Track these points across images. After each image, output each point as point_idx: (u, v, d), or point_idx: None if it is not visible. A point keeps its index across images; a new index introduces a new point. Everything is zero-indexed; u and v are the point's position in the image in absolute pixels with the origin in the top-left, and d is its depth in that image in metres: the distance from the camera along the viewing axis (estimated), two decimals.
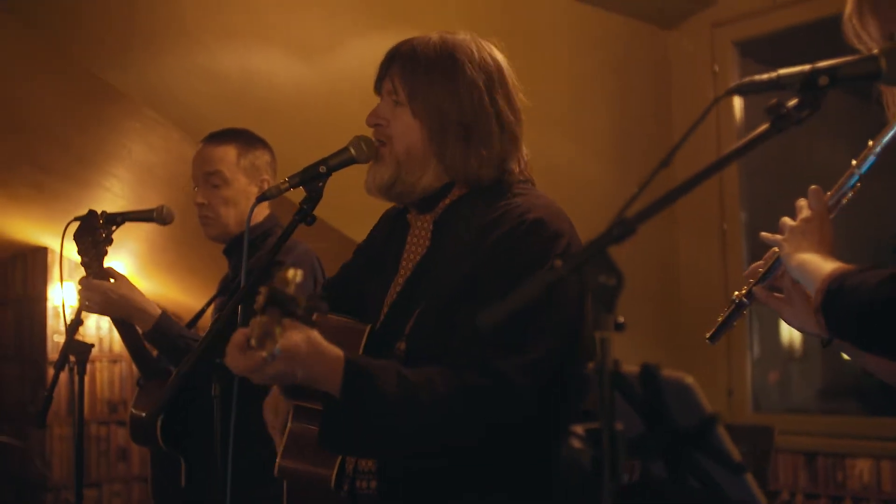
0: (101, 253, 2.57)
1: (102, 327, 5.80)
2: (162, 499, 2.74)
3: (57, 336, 5.63)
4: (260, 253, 2.63)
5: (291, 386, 1.75)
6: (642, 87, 4.85)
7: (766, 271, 1.74)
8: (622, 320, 1.07)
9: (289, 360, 1.48)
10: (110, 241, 2.59)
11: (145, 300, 2.56)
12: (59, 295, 4.05)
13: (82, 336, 2.64)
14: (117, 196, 4.51)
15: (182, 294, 5.59)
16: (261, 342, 1.37)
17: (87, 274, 2.54)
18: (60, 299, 4.70)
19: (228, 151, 2.72)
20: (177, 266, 5.24)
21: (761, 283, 1.75)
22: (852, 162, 1.62)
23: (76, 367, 2.50)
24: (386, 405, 1.57)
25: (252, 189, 2.72)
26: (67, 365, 2.50)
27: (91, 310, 2.56)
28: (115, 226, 2.61)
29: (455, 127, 1.75)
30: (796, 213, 1.66)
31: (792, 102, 1.21)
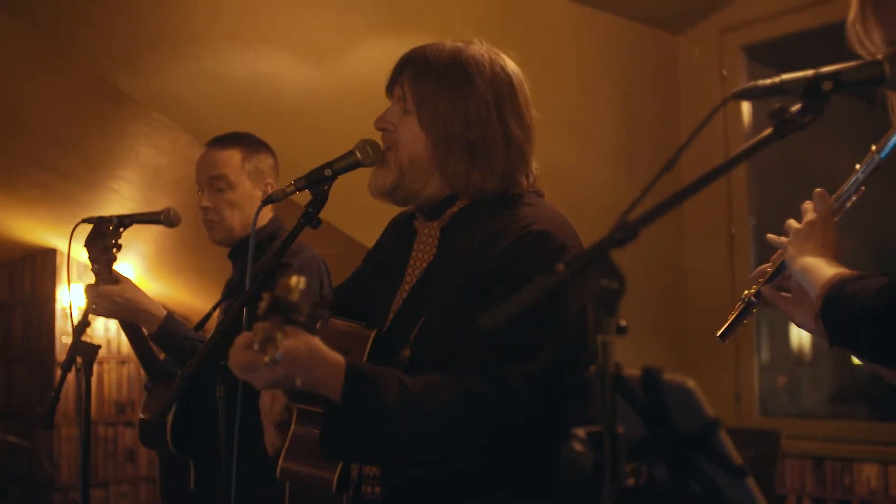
0: (112, 259, 2.58)
1: (110, 329, 5.82)
2: (170, 501, 2.75)
3: (65, 337, 5.66)
4: (266, 257, 2.64)
5: (294, 389, 1.76)
6: (650, 92, 4.85)
7: (774, 272, 1.75)
8: (624, 324, 1.07)
9: (290, 366, 1.48)
10: (120, 247, 2.61)
11: (151, 302, 2.57)
12: (67, 296, 4.05)
13: (90, 337, 2.65)
14: (125, 198, 4.52)
15: (190, 296, 5.61)
16: (263, 347, 1.38)
17: (98, 280, 2.55)
18: (68, 301, 4.72)
19: (233, 155, 2.73)
20: (185, 268, 5.26)
21: (769, 284, 1.76)
22: (856, 166, 1.62)
23: (83, 369, 2.51)
24: (386, 411, 1.57)
25: (256, 193, 2.73)
26: (74, 366, 2.52)
27: (98, 313, 2.57)
28: (123, 228, 2.62)
29: (460, 141, 1.74)
30: (801, 216, 1.67)
31: (795, 107, 1.21)
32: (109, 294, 2.51)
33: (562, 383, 1.66)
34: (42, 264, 5.86)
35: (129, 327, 2.64)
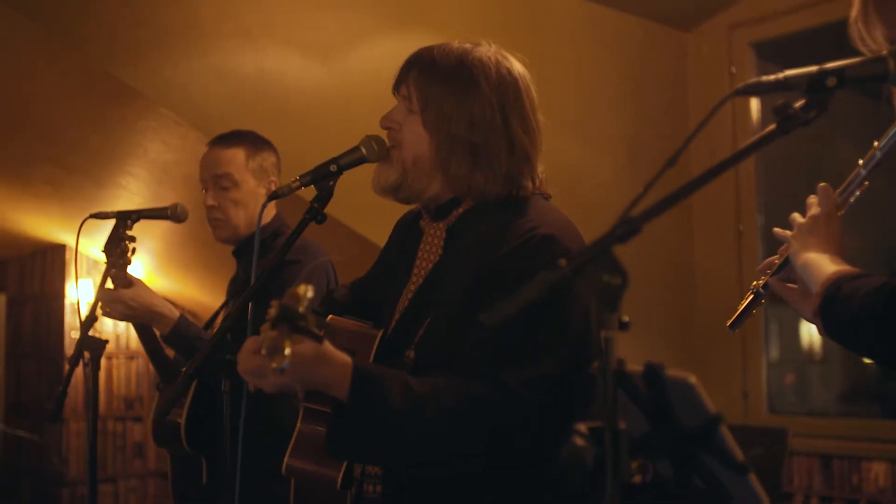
0: (127, 262, 2.60)
1: (119, 324, 5.83)
2: (182, 498, 2.76)
3: (74, 332, 5.68)
4: (271, 255, 2.64)
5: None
6: (659, 89, 4.83)
7: (781, 264, 1.77)
8: (627, 319, 1.07)
9: (297, 371, 1.50)
10: (134, 251, 2.63)
11: (164, 304, 2.57)
12: (76, 292, 4.06)
13: (98, 332, 2.66)
14: (133, 194, 4.54)
15: (198, 292, 5.62)
16: (270, 354, 1.40)
17: (115, 285, 2.56)
18: (77, 296, 4.74)
19: (237, 153, 2.74)
20: (193, 264, 5.27)
21: (777, 276, 1.77)
22: (859, 162, 1.62)
23: (91, 363, 2.52)
24: (392, 413, 1.58)
25: (260, 191, 2.74)
26: (82, 361, 2.53)
27: (113, 317, 2.58)
28: (131, 223, 2.63)
29: (463, 143, 1.74)
30: (806, 210, 1.68)
31: (799, 103, 1.21)
32: (123, 298, 2.52)
33: (566, 386, 1.66)
34: (52, 260, 5.89)
35: (141, 328, 2.66)
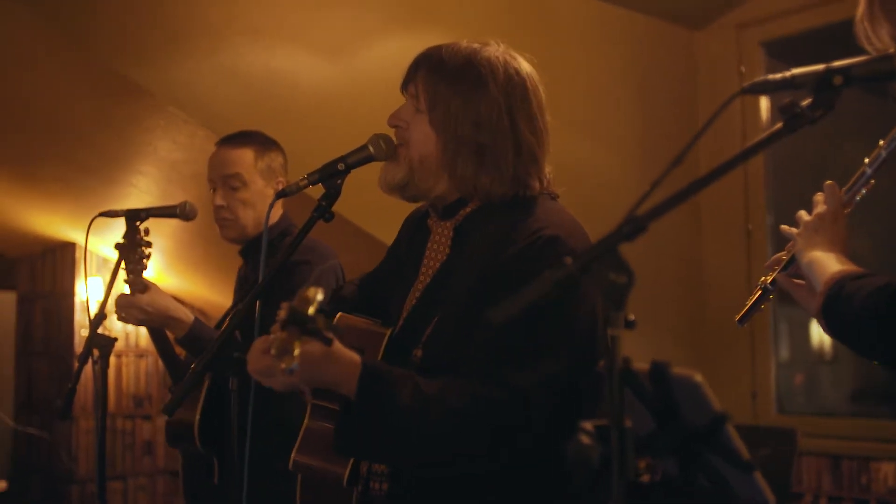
0: (143, 268, 2.61)
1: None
2: (194, 498, 2.77)
3: (84, 331, 5.69)
4: (280, 254, 2.65)
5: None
6: (668, 88, 4.82)
7: (789, 260, 1.78)
8: (633, 318, 1.07)
9: (306, 371, 1.54)
10: (149, 256, 2.65)
11: (178, 308, 2.59)
12: (86, 290, 4.07)
13: (108, 330, 2.67)
14: (143, 192, 4.55)
15: (208, 290, 5.64)
16: (280, 355, 1.42)
17: (132, 290, 2.57)
18: (86, 294, 4.76)
19: (246, 154, 2.75)
20: (202, 262, 5.28)
21: (785, 272, 1.77)
22: (865, 160, 1.62)
23: (100, 361, 2.53)
24: (400, 412, 1.59)
25: (268, 191, 2.75)
26: (91, 358, 2.54)
27: (129, 322, 2.60)
28: (140, 221, 2.64)
29: (469, 143, 1.74)
30: (812, 208, 1.68)
31: (806, 102, 1.21)
32: (139, 303, 2.54)
33: (572, 386, 1.66)
34: (61, 258, 5.90)
35: (154, 330, 2.68)
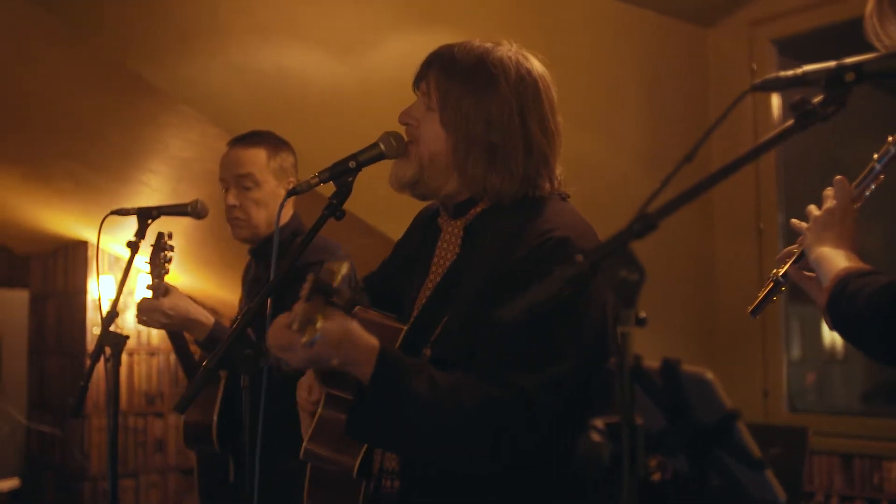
0: (166, 271, 2.64)
1: None
2: (210, 498, 2.78)
3: (96, 329, 5.71)
4: (291, 253, 2.65)
5: (326, 373, 1.79)
6: (679, 86, 4.81)
7: (801, 253, 1.78)
8: (644, 315, 1.07)
9: (325, 347, 1.53)
10: (171, 259, 2.67)
11: (199, 311, 2.61)
12: (98, 288, 4.09)
13: (120, 328, 2.68)
14: (154, 190, 4.56)
15: (219, 289, 5.65)
16: (302, 327, 1.42)
17: (154, 294, 2.59)
18: (98, 292, 4.77)
19: (259, 154, 2.76)
20: (213, 260, 5.29)
21: (796, 265, 1.78)
22: (874, 156, 1.62)
23: (112, 358, 2.54)
24: (413, 401, 1.59)
25: (280, 191, 2.76)
26: (103, 356, 2.55)
27: (151, 325, 2.62)
28: (151, 219, 2.66)
29: (480, 143, 1.74)
30: (822, 203, 1.68)
31: (817, 99, 1.21)
32: (162, 307, 2.56)
33: (582, 387, 1.66)
34: (73, 257, 5.93)
35: (174, 333, 2.70)
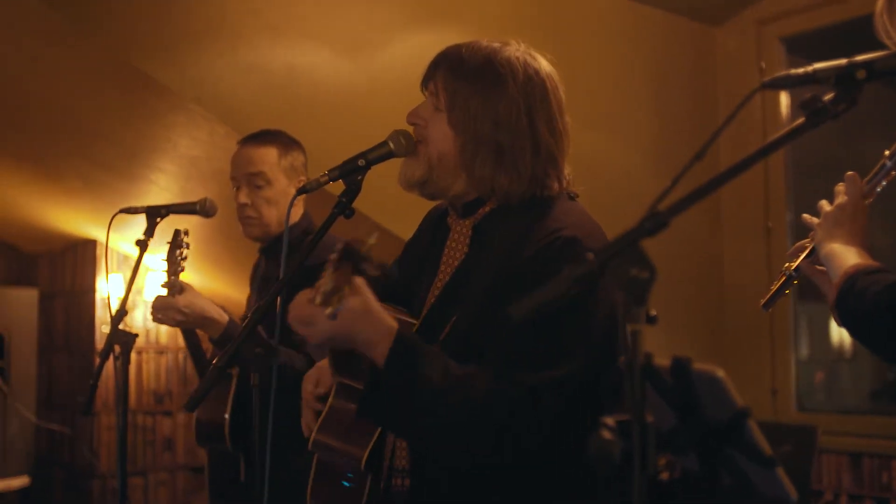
0: (181, 269, 2.64)
1: (149, 318, 5.86)
2: (220, 497, 2.78)
3: (105, 327, 5.72)
4: (302, 251, 2.66)
5: (340, 360, 1.79)
6: (687, 85, 4.80)
7: (812, 248, 1.78)
8: (654, 313, 1.07)
9: (346, 321, 1.53)
10: (186, 258, 2.68)
11: (213, 309, 2.62)
12: (107, 286, 4.09)
13: (129, 326, 2.69)
14: (163, 189, 4.57)
15: (228, 287, 5.65)
16: (327, 298, 1.41)
17: (169, 292, 2.59)
18: (107, 291, 4.79)
19: (270, 152, 2.77)
20: (222, 258, 5.30)
21: (808, 259, 1.78)
22: (885, 153, 1.62)
23: (121, 357, 2.55)
24: (426, 385, 1.59)
25: (291, 190, 2.77)
26: (112, 354, 2.56)
27: (166, 323, 2.64)
28: (160, 218, 2.67)
29: (488, 143, 1.74)
30: (833, 198, 1.68)
31: (828, 97, 1.20)
32: (177, 305, 2.57)
33: (590, 387, 1.66)
34: (82, 255, 5.94)
35: (187, 331, 2.71)
